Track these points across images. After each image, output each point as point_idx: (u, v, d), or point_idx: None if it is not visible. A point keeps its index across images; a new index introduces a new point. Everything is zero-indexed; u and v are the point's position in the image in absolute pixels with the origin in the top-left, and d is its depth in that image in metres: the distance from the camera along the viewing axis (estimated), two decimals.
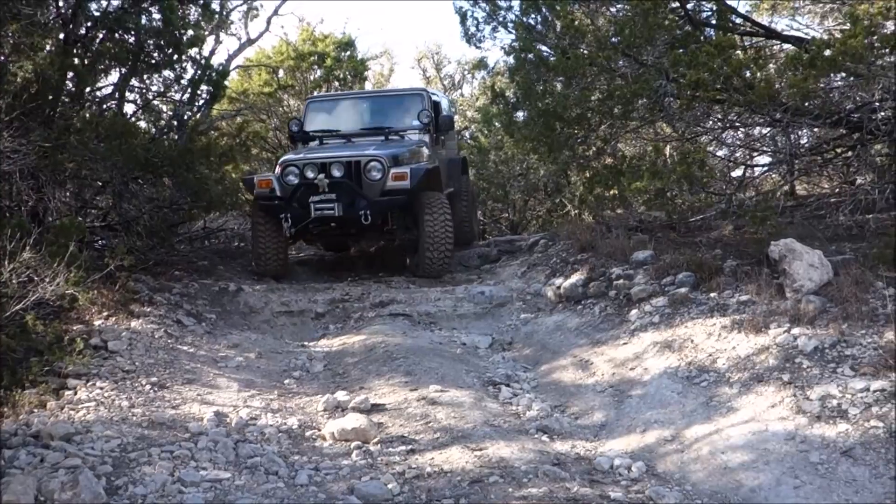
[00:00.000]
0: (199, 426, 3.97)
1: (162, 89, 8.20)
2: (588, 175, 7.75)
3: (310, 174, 7.33)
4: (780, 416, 3.67)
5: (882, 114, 5.87)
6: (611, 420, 4.28)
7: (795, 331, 4.29)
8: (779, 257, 4.92)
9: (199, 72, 8.19)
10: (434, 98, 8.95)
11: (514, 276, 7.35)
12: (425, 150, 8.06)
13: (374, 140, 8.19)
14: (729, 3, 7.10)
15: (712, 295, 5.18)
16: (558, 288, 6.39)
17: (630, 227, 7.27)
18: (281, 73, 12.94)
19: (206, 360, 5.23)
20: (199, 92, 8.36)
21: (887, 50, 5.40)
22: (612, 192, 7.26)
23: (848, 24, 5.43)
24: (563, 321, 5.94)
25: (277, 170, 7.67)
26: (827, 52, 5.45)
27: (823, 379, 3.82)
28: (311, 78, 12.99)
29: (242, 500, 3.24)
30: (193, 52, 7.99)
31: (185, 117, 8.42)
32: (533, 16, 7.76)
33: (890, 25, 5.63)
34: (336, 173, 7.32)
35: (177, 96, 8.34)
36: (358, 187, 7.32)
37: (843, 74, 5.95)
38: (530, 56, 7.58)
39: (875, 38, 5.32)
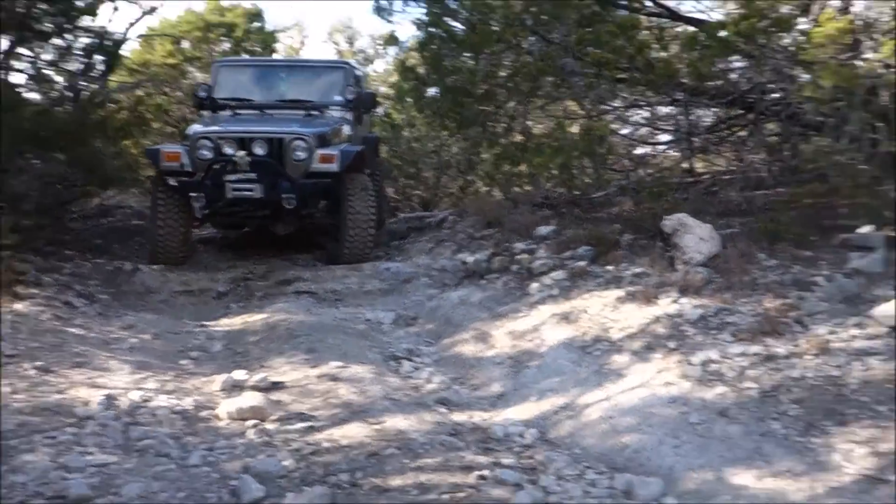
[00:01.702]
0: (87, 410, 3.79)
1: (55, 58, 7.77)
2: (497, 152, 7.82)
3: (228, 150, 6.65)
4: (665, 382, 3.83)
5: (773, 95, 6.16)
6: (508, 390, 4.36)
7: (683, 301, 4.49)
8: (671, 231, 5.12)
9: (93, 41, 7.79)
10: (356, 73, 8.58)
11: (422, 253, 7.35)
12: (347, 129, 7.69)
13: (294, 114, 7.60)
14: None
15: (609, 268, 5.34)
16: (463, 263, 6.44)
17: (536, 204, 7.39)
18: (186, 43, 12.44)
19: (97, 342, 5.01)
20: (93, 62, 7.95)
21: (779, 32, 5.63)
22: (519, 169, 7.35)
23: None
24: (467, 296, 5.99)
25: (187, 142, 6.96)
26: (722, 34, 5.65)
27: (706, 345, 4.00)
28: (219, 49, 12.55)
29: (130, 484, 3.14)
30: (88, 20, 7.60)
31: (80, 88, 8.02)
32: None
33: (784, 8, 5.87)
34: (259, 151, 6.68)
35: (70, 66, 7.92)
36: (281, 167, 6.73)
37: (739, 56, 6.20)
38: (439, 31, 7.55)
39: (768, 21, 5.54)
